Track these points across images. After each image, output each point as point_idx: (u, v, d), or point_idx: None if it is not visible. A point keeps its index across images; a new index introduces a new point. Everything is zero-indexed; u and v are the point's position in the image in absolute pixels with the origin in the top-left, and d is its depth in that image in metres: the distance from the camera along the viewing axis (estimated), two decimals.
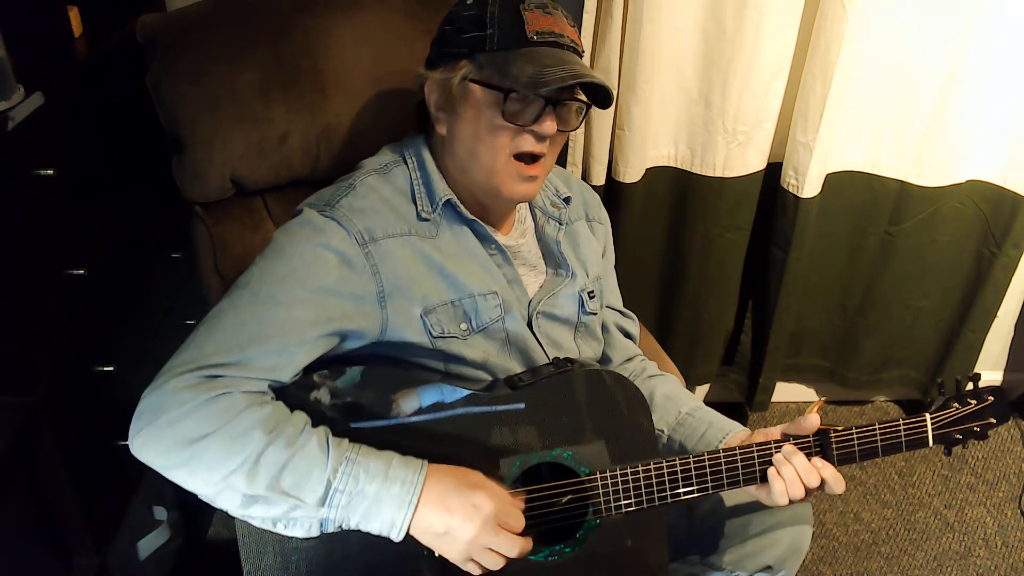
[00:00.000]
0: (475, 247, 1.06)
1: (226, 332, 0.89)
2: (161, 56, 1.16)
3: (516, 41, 0.97)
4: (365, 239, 0.97)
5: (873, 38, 1.67)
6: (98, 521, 1.29)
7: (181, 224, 1.32)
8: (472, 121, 1.00)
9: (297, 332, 0.91)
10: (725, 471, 1.01)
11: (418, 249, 1.01)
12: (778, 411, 2.28)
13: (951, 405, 1.08)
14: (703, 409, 1.19)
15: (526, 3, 0.98)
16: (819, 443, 1.03)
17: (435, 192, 1.04)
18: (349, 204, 0.99)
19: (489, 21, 0.97)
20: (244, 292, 0.93)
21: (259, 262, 0.96)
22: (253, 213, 1.24)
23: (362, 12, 1.27)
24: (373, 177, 1.04)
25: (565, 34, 0.99)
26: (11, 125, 1.05)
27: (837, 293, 2.04)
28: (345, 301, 0.95)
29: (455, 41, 1.00)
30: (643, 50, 1.63)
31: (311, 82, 1.22)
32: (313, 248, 0.95)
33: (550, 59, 0.96)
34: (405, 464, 0.88)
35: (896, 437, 1.05)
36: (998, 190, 1.88)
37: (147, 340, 1.53)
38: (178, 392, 0.84)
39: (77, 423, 1.25)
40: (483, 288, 1.04)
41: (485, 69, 0.98)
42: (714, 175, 1.80)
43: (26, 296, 1.12)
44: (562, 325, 1.14)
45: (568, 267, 1.14)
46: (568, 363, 1.05)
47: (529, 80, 0.94)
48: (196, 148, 1.17)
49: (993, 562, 1.86)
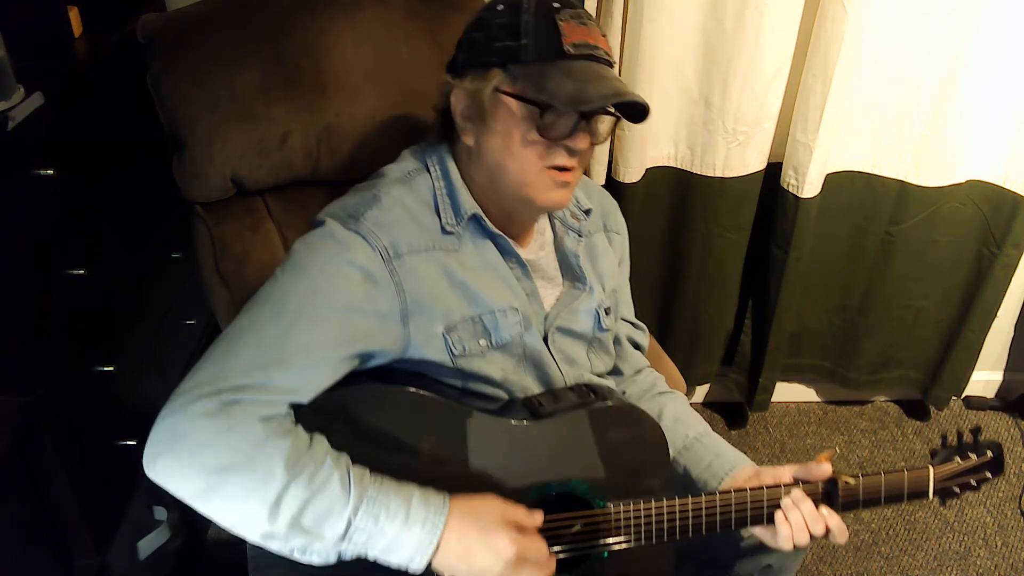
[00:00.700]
0: (497, 261, 1.04)
1: (247, 351, 0.86)
2: (161, 56, 1.16)
3: (552, 53, 0.93)
4: (390, 255, 0.95)
5: (873, 38, 1.68)
6: (98, 521, 1.29)
7: (181, 224, 1.31)
8: (503, 134, 0.96)
9: (320, 353, 0.89)
10: (735, 511, 1.01)
11: (441, 264, 0.98)
12: (778, 411, 2.28)
13: (953, 458, 1.10)
14: (710, 436, 1.18)
15: (561, 13, 0.94)
16: (826, 490, 1.04)
17: (460, 205, 1.01)
18: (374, 218, 0.96)
19: (523, 30, 0.93)
20: (265, 308, 0.90)
21: (280, 276, 0.93)
22: (253, 213, 1.24)
23: (363, 12, 1.27)
24: (397, 187, 1.01)
25: (600, 46, 0.96)
26: (11, 125, 1.05)
27: (837, 293, 2.04)
28: (369, 319, 0.93)
29: (486, 49, 0.96)
30: (643, 50, 1.63)
31: (312, 82, 1.21)
32: (337, 264, 0.92)
33: (588, 74, 0.93)
34: (426, 503, 0.86)
35: (899, 488, 1.07)
36: (998, 190, 1.88)
37: (147, 340, 1.53)
38: (196, 418, 0.81)
39: (77, 423, 1.25)
40: (504, 304, 1.03)
41: (519, 81, 0.94)
42: (714, 175, 1.80)
43: (26, 296, 1.12)
44: (577, 340, 1.13)
45: (586, 281, 1.12)
46: (589, 392, 1.04)
47: (569, 97, 0.91)
48: (196, 148, 1.17)
49: (993, 562, 1.86)
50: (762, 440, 2.19)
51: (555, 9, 0.94)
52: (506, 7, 0.96)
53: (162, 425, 0.82)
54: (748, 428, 2.23)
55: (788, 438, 2.20)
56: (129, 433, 1.38)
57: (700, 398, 2.29)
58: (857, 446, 2.18)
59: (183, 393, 0.83)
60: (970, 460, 1.10)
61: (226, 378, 0.84)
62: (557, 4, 0.94)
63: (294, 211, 1.27)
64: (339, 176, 1.29)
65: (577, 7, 0.96)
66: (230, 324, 0.90)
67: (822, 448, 2.17)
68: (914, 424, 2.27)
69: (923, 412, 2.29)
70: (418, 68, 1.30)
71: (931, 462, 1.10)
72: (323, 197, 1.29)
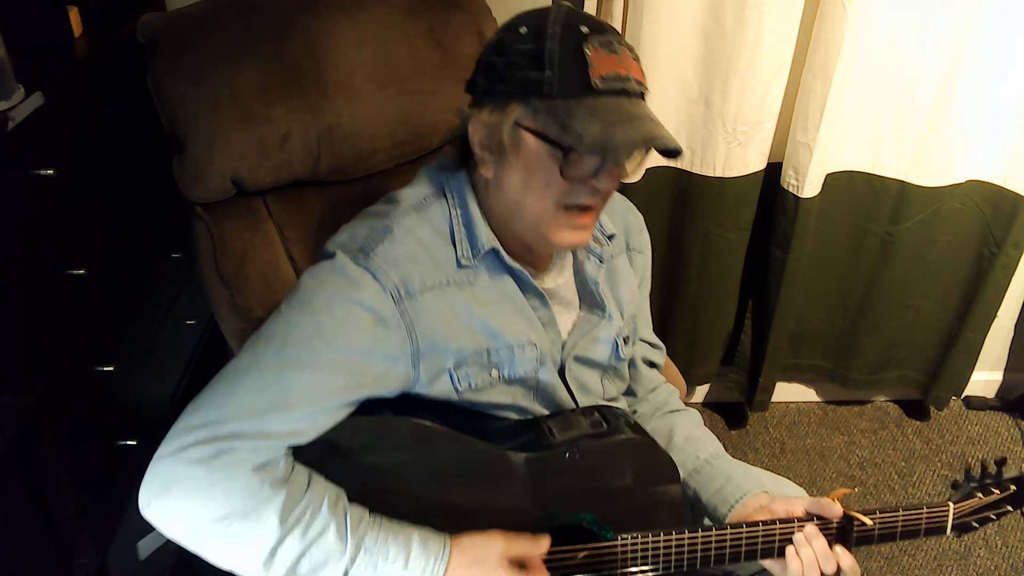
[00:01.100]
0: (514, 293, 0.99)
1: (246, 395, 0.83)
2: (162, 56, 1.16)
3: (579, 88, 0.85)
4: (401, 294, 0.90)
5: (873, 38, 1.68)
6: (98, 521, 1.29)
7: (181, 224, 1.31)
8: (523, 171, 0.90)
9: (323, 399, 0.86)
10: (745, 545, 0.99)
11: (456, 301, 0.94)
12: (778, 411, 2.28)
13: (975, 495, 1.06)
14: (722, 458, 1.14)
15: (589, 40, 0.85)
16: (840, 527, 1.01)
17: (478, 238, 0.95)
18: (385, 253, 0.91)
19: (548, 60, 0.85)
20: (268, 349, 0.86)
21: (285, 312, 0.89)
22: (254, 213, 1.24)
23: (364, 11, 1.27)
24: (411, 218, 0.95)
25: (631, 75, 0.87)
26: (11, 125, 1.05)
27: (837, 293, 2.04)
28: (377, 362, 0.89)
29: (506, 78, 0.88)
30: (643, 50, 1.63)
31: (312, 82, 1.21)
32: (345, 304, 0.88)
33: (618, 115, 0.85)
34: (425, 548, 0.85)
35: (916, 524, 1.04)
36: (998, 190, 1.88)
37: (147, 340, 1.53)
38: (190, 465, 0.80)
39: (77, 423, 1.25)
40: (520, 339, 0.98)
41: (541, 117, 0.86)
42: (714, 175, 1.80)
43: (26, 296, 1.12)
44: (593, 368, 1.09)
45: (605, 308, 1.07)
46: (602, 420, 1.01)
47: (595, 143, 0.84)
48: (197, 148, 1.17)
49: (993, 562, 1.86)
50: (762, 440, 2.19)
51: (583, 36, 0.86)
52: (530, 31, 0.88)
53: (156, 469, 0.81)
54: (748, 428, 2.23)
55: (788, 438, 2.20)
56: (129, 433, 1.38)
57: (700, 398, 2.29)
58: (857, 446, 2.19)
59: (178, 436, 0.82)
60: (993, 495, 1.06)
61: (223, 423, 0.81)
62: (586, 29, 0.86)
63: (294, 211, 1.26)
64: (340, 176, 1.29)
65: (608, 32, 0.88)
66: (233, 359, 0.87)
67: (822, 448, 2.17)
68: (914, 424, 2.27)
69: (923, 412, 2.29)
70: (419, 68, 1.30)
71: (951, 498, 1.07)
72: (324, 197, 1.29)
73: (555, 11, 0.88)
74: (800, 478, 2.05)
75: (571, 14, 0.88)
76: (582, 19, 0.88)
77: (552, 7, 0.88)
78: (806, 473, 2.09)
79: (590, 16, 0.89)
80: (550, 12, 0.88)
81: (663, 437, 1.16)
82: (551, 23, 0.86)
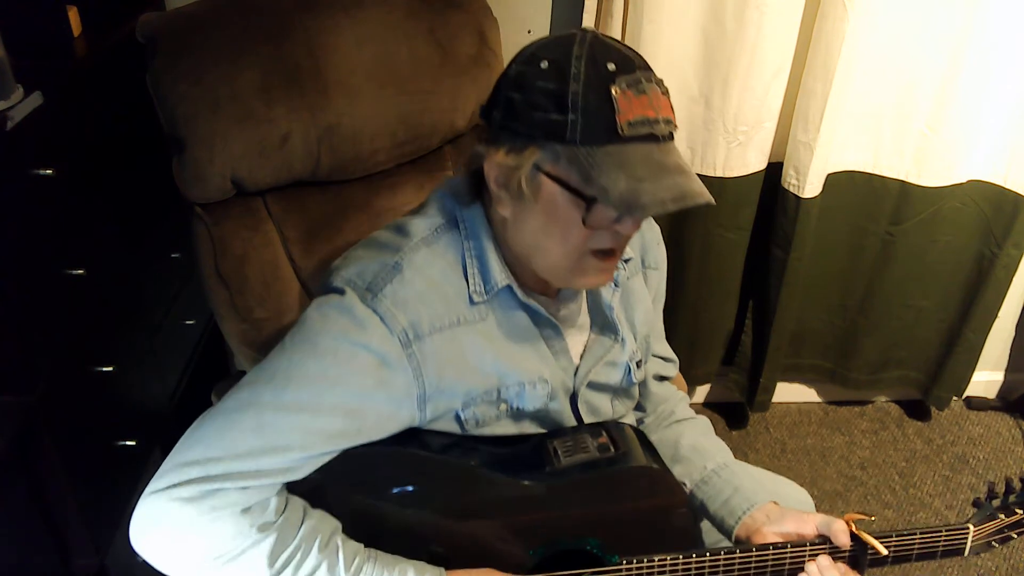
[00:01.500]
0: (527, 327, 0.96)
1: (242, 435, 0.81)
2: (161, 55, 1.16)
3: (604, 134, 0.79)
4: (409, 337, 0.87)
5: (874, 38, 1.67)
6: (98, 521, 1.29)
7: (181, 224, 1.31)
8: (542, 215, 0.85)
9: (322, 444, 0.84)
10: (754, 570, 0.97)
11: (466, 341, 0.91)
12: (778, 411, 2.28)
13: (997, 516, 1.02)
14: (729, 468, 1.11)
15: (617, 81, 0.79)
16: (853, 553, 0.98)
17: (491, 275, 0.91)
18: (394, 293, 0.87)
19: (571, 103, 0.79)
20: (268, 388, 0.84)
21: (290, 349, 0.86)
22: (254, 213, 1.24)
23: (364, 11, 1.26)
24: (421, 253, 0.91)
25: (660, 116, 0.81)
26: (11, 125, 1.05)
27: (837, 293, 2.04)
28: (381, 405, 0.87)
29: (526, 117, 0.82)
30: (643, 50, 1.63)
31: (312, 82, 1.21)
32: (351, 347, 0.85)
33: (645, 166, 0.80)
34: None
35: (934, 547, 1.01)
36: (999, 190, 1.88)
37: (147, 340, 1.53)
38: (179, 504, 0.79)
39: (77, 423, 1.25)
40: (533, 375, 0.96)
41: (563, 164, 0.81)
42: (714, 175, 1.80)
43: (26, 296, 1.12)
44: (604, 392, 1.07)
45: (618, 332, 1.04)
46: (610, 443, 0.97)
47: (621, 200, 0.78)
48: (196, 148, 1.17)
49: (993, 562, 1.86)
50: (763, 440, 2.19)
51: (610, 75, 0.79)
52: (552, 67, 0.81)
53: (146, 505, 0.80)
54: (748, 428, 2.22)
55: (789, 438, 2.20)
56: (129, 433, 1.38)
57: (700, 398, 2.29)
58: (857, 446, 2.18)
59: (169, 473, 0.80)
60: (1016, 516, 1.02)
61: (216, 462, 0.80)
62: (612, 67, 0.80)
63: (294, 211, 1.26)
64: (340, 176, 1.29)
65: (636, 67, 0.81)
66: (232, 391, 0.85)
67: (823, 448, 2.17)
68: (915, 424, 2.27)
69: (924, 412, 2.29)
70: (419, 67, 1.29)
71: (972, 519, 1.03)
72: (324, 197, 1.29)
73: (579, 43, 0.81)
74: (801, 478, 2.04)
75: (596, 46, 0.81)
76: (608, 53, 0.81)
77: (576, 36, 0.82)
78: (807, 473, 2.09)
79: (616, 47, 0.83)
80: (574, 45, 0.81)
81: (669, 447, 1.14)
82: (575, 60, 0.80)
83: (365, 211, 1.31)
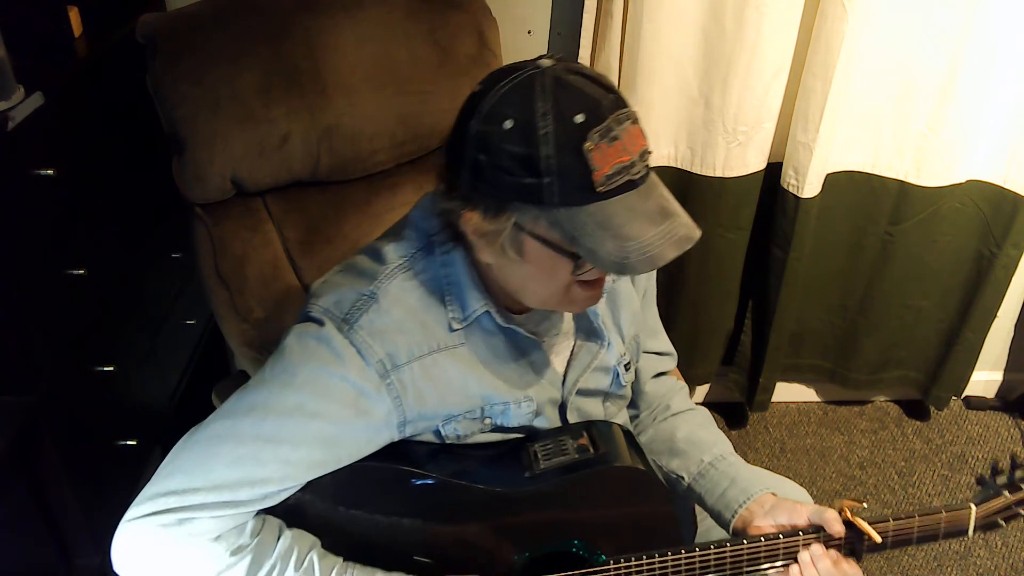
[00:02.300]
0: (509, 348, 0.95)
1: (220, 466, 0.81)
2: (161, 56, 1.16)
3: (583, 195, 0.76)
4: (387, 367, 0.86)
5: (873, 38, 1.67)
6: (98, 521, 1.29)
7: (181, 224, 1.31)
8: (529, 266, 0.83)
9: (300, 473, 0.84)
10: (746, 562, 0.96)
11: (447, 367, 0.90)
12: (778, 411, 2.28)
13: (1002, 493, 1.00)
14: (725, 460, 1.09)
15: (589, 137, 0.74)
16: (849, 539, 0.97)
17: (468, 303, 0.90)
18: (370, 323, 0.86)
19: (544, 167, 0.75)
20: (247, 420, 0.83)
21: (269, 380, 0.86)
22: (253, 214, 1.24)
23: (364, 11, 1.27)
24: (397, 282, 0.89)
25: (635, 156, 0.77)
26: (11, 125, 1.05)
27: (837, 293, 2.04)
28: (360, 432, 0.87)
29: (497, 181, 0.77)
30: (643, 50, 1.63)
31: (312, 82, 1.21)
32: (328, 379, 0.85)
33: (630, 222, 0.77)
34: None
35: (934, 530, 0.99)
36: (998, 190, 1.88)
37: (147, 340, 1.53)
38: (155, 530, 0.80)
39: (77, 423, 1.25)
40: (517, 395, 0.95)
41: (543, 225, 0.78)
42: (714, 175, 1.80)
43: (26, 296, 1.12)
44: (594, 397, 1.07)
45: (604, 337, 1.02)
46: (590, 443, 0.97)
47: (611, 262, 0.76)
48: (196, 149, 1.17)
49: (993, 562, 1.86)
50: (762, 440, 2.19)
51: (581, 131, 0.74)
52: (516, 127, 0.76)
53: (125, 531, 0.81)
54: (748, 428, 2.22)
55: (788, 438, 2.20)
56: (129, 433, 1.38)
57: (700, 398, 2.29)
58: (857, 446, 2.18)
59: (147, 501, 0.81)
60: (1021, 492, 1.00)
61: (193, 493, 0.80)
62: (581, 117, 0.75)
63: (294, 212, 1.27)
64: (339, 176, 1.29)
65: (605, 110, 0.76)
66: (210, 419, 0.85)
67: (822, 448, 2.17)
68: (914, 424, 2.27)
69: (923, 412, 2.29)
70: (419, 68, 1.30)
71: (974, 499, 1.01)
72: (323, 197, 1.29)
73: (541, 92, 0.76)
74: (800, 478, 2.05)
75: (560, 94, 0.76)
76: (573, 100, 0.76)
77: (536, 81, 0.77)
78: (806, 473, 2.09)
79: (580, 87, 0.77)
80: (536, 95, 0.76)
81: (665, 442, 1.14)
82: (541, 118, 0.75)
83: (365, 211, 1.31)
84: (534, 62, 0.79)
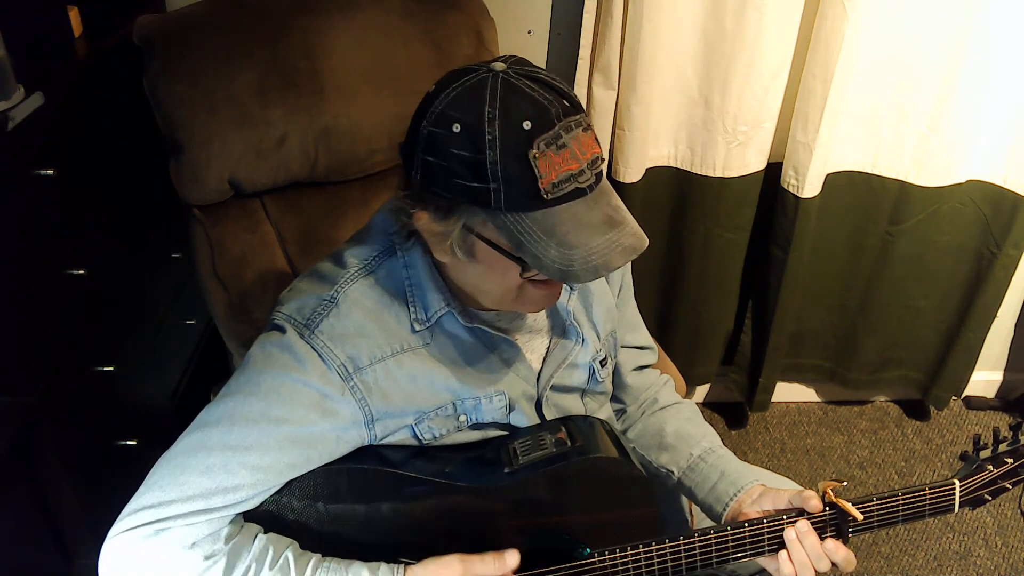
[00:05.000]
0: (477, 344, 0.95)
1: (192, 477, 0.82)
2: (158, 57, 1.16)
3: (529, 201, 0.76)
4: (349, 370, 0.87)
5: (873, 38, 1.67)
6: (98, 521, 1.29)
7: (181, 224, 1.32)
8: (480, 266, 0.85)
9: (272, 478, 0.86)
10: (732, 548, 0.96)
11: (412, 367, 0.91)
12: (778, 411, 2.28)
13: (985, 468, 1.00)
14: (715, 453, 1.10)
15: (536, 144, 0.75)
16: (834, 520, 0.97)
17: (430, 304, 0.91)
18: (331, 328, 0.87)
19: (491, 173, 0.75)
20: (215, 431, 0.84)
21: (234, 388, 0.87)
22: (251, 215, 1.24)
23: (360, 13, 1.27)
24: (358, 285, 0.90)
25: (584, 163, 0.78)
26: (11, 125, 1.05)
27: (837, 293, 2.04)
28: (328, 433, 0.88)
29: (445, 183, 0.78)
30: (643, 50, 1.63)
31: (309, 83, 1.22)
32: (292, 384, 0.86)
33: (575, 231, 0.77)
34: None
35: (919, 507, 0.99)
36: (998, 190, 1.87)
37: (147, 340, 1.53)
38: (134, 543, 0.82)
39: (77, 423, 1.25)
40: (487, 390, 0.96)
41: (490, 228, 0.79)
42: (714, 175, 1.80)
43: (26, 296, 1.13)
44: (572, 393, 1.06)
45: (578, 334, 1.03)
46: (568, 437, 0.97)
47: (554, 269, 0.77)
48: (194, 150, 1.17)
49: (993, 562, 1.86)
50: (762, 440, 2.19)
51: (527, 137, 0.75)
52: (464, 131, 0.76)
53: (107, 547, 0.83)
54: (748, 428, 2.23)
55: (788, 438, 2.20)
56: (129, 433, 1.39)
57: (700, 398, 2.29)
58: (857, 446, 2.18)
59: (126, 516, 0.83)
60: (1006, 465, 0.99)
61: (168, 505, 0.82)
62: (528, 124, 0.75)
63: (292, 212, 1.27)
64: (337, 177, 1.29)
65: (555, 123, 0.76)
66: (183, 435, 0.87)
67: (822, 448, 2.17)
68: (914, 424, 2.27)
69: (923, 412, 2.29)
70: (416, 68, 1.30)
71: (957, 474, 1.01)
72: (321, 198, 1.29)
73: (490, 96, 0.76)
74: (800, 478, 2.05)
75: (509, 99, 0.76)
76: (522, 105, 0.76)
77: (487, 83, 0.77)
78: (806, 473, 2.09)
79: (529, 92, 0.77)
80: (485, 99, 0.76)
81: (654, 436, 1.14)
82: (488, 123, 0.75)
83: (363, 211, 1.31)
84: (487, 64, 0.80)
